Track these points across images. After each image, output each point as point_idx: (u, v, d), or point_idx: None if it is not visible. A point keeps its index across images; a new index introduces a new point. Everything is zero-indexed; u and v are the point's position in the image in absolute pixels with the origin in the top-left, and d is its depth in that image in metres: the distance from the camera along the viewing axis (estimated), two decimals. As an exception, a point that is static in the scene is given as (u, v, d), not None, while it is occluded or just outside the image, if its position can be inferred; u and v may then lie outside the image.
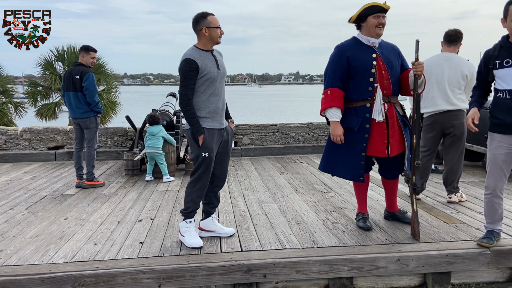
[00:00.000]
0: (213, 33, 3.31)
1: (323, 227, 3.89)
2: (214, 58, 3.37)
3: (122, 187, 5.58)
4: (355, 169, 3.61)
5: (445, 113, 4.48)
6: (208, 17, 3.31)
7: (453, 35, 4.56)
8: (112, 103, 14.59)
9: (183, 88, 3.26)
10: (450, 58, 4.52)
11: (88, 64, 5.51)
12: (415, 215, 3.53)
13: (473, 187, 5.34)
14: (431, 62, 4.56)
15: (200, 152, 3.33)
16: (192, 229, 3.50)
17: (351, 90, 3.55)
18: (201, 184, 3.42)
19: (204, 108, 3.34)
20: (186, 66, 3.22)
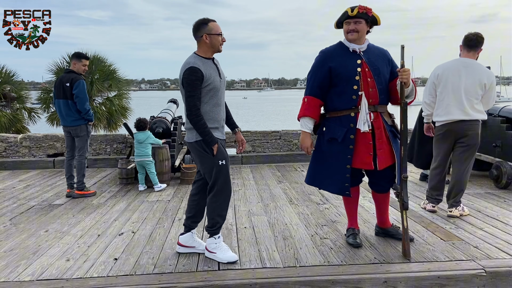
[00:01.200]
0: (214, 41, 3.17)
1: (310, 243, 3.68)
2: (216, 67, 3.25)
3: (113, 196, 5.47)
4: (341, 183, 3.39)
5: (459, 123, 4.21)
6: (209, 24, 3.16)
7: (473, 39, 4.26)
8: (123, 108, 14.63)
9: (190, 99, 3.08)
10: (469, 64, 4.23)
11: (79, 71, 5.42)
12: (405, 232, 3.29)
13: (478, 199, 5.03)
14: (448, 67, 4.30)
15: (217, 161, 3.18)
16: (223, 244, 3.35)
17: (335, 98, 3.36)
18: (225, 196, 3.28)
19: (209, 119, 3.18)
20: (191, 75, 3.07)
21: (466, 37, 4.30)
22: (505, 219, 4.21)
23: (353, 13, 3.24)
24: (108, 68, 13.45)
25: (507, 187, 5.47)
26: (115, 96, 14.07)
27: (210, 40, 3.15)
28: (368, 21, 3.32)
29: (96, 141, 7.96)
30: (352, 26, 3.27)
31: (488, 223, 4.12)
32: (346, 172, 3.36)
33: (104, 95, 13.89)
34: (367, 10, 3.26)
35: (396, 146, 3.33)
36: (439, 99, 4.33)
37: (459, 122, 4.22)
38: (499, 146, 5.84)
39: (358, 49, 3.33)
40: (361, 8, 3.25)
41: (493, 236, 3.73)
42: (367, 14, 3.27)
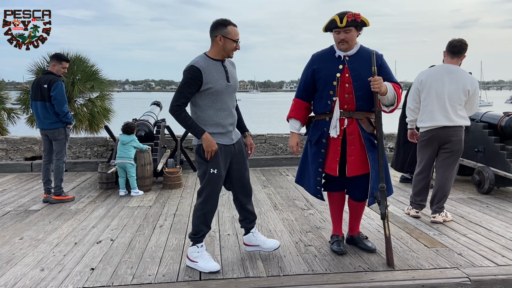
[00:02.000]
0: (227, 45, 3.05)
1: (295, 250, 3.61)
2: (225, 70, 3.11)
3: (92, 202, 5.31)
4: (314, 185, 3.45)
5: (443, 129, 4.22)
6: (228, 27, 3.05)
7: (457, 46, 4.24)
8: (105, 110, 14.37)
9: (177, 94, 3.00)
10: (452, 70, 4.23)
11: (59, 73, 5.27)
12: (388, 241, 3.25)
13: (460, 204, 5.05)
14: (432, 73, 4.30)
15: (208, 168, 3.06)
16: (205, 253, 3.24)
17: (316, 102, 3.44)
18: (210, 206, 3.17)
19: (212, 124, 3.07)
20: (188, 73, 2.98)
21: (450, 43, 4.29)
22: (488, 225, 4.22)
23: (343, 24, 3.18)
24: (90, 69, 13.17)
25: (489, 192, 5.51)
26: (97, 97, 13.82)
27: (223, 43, 3.05)
28: (358, 27, 3.28)
29: (76, 143, 7.77)
30: (342, 36, 3.22)
31: (471, 229, 4.12)
32: (318, 175, 3.40)
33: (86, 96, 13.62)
34: (355, 17, 3.22)
35: (373, 155, 3.29)
36: (423, 105, 4.32)
37: (443, 128, 4.22)
38: (481, 152, 5.89)
39: (343, 55, 3.29)
40: (349, 16, 3.19)
41: (477, 243, 3.72)
42: (356, 20, 3.23)
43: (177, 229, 4.20)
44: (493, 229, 4.12)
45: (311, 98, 3.46)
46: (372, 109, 3.36)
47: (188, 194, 5.74)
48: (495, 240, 3.79)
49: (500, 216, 4.56)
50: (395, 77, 3.49)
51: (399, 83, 3.39)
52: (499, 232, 4.02)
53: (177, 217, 4.62)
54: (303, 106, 3.48)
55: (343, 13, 3.21)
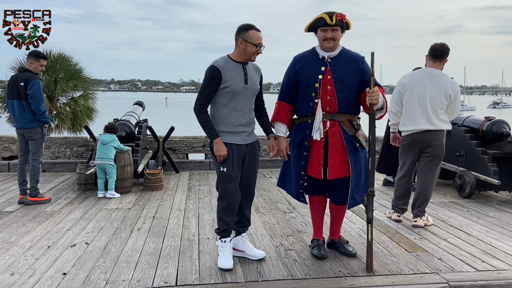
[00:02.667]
0: (248, 48, 3.14)
1: (275, 255, 3.55)
2: (244, 72, 3.19)
3: (69, 203, 5.16)
4: (296, 188, 3.40)
5: (425, 133, 4.22)
6: (249, 31, 3.14)
7: (439, 50, 4.26)
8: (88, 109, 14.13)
9: (199, 94, 3.17)
10: (434, 74, 4.24)
11: (36, 71, 5.11)
12: (369, 245, 3.21)
13: (442, 208, 5.06)
14: (414, 76, 4.30)
15: (219, 166, 3.20)
16: (227, 249, 3.29)
17: (298, 105, 3.39)
18: (227, 203, 3.23)
19: (225, 122, 3.19)
20: (208, 72, 3.12)
21: (432, 47, 4.30)
22: (468, 230, 4.23)
23: (333, 22, 3.15)
24: (74, 67, 12.94)
25: (470, 196, 5.55)
26: (80, 96, 13.57)
27: (244, 47, 3.14)
28: (344, 28, 3.25)
29: (55, 143, 7.58)
30: (329, 34, 3.19)
31: (452, 233, 4.12)
32: (300, 178, 3.37)
33: (69, 95, 13.37)
34: (342, 17, 3.20)
35: (355, 158, 3.25)
36: (405, 108, 4.32)
37: (424, 132, 4.22)
38: (463, 156, 5.92)
39: (326, 56, 3.25)
40: (337, 15, 3.17)
41: (457, 248, 3.71)
42: (342, 21, 3.21)
43: (156, 232, 4.10)
44: (473, 233, 4.12)
45: (294, 99, 3.41)
46: (354, 111, 3.33)
47: (169, 196, 5.63)
48: (475, 245, 3.79)
49: (480, 220, 4.57)
50: (381, 81, 3.48)
51: (382, 87, 3.36)
52: (479, 236, 4.03)
53: (156, 220, 4.52)
54: (287, 108, 3.43)
55: (331, 12, 3.18)
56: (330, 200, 3.55)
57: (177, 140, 7.99)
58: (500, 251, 3.64)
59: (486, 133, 5.80)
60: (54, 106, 12.84)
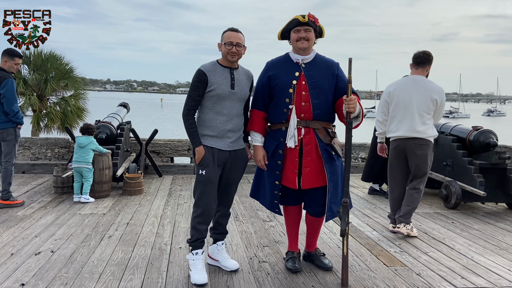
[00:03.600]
0: (223, 49, 3.11)
1: (247, 267, 3.40)
2: (232, 76, 3.12)
3: (42, 208, 4.99)
4: (271, 199, 3.26)
5: (409, 140, 4.17)
6: (226, 33, 3.12)
7: (420, 56, 4.27)
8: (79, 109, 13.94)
9: (187, 98, 3.12)
10: (418, 81, 4.21)
11: (11, 70, 4.95)
12: (345, 259, 3.07)
13: (426, 219, 4.94)
14: (399, 85, 4.29)
15: (198, 169, 3.11)
16: (199, 262, 3.14)
17: (271, 111, 3.25)
18: (202, 209, 3.10)
19: (209, 126, 3.13)
20: (195, 76, 3.10)
21: (414, 55, 4.33)
22: (451, 243, 4.10)
23: (305, 19, 3.05)
24: (65, 67, 12.78)
25: (456, 207, 5.43)
26: (71, 96, 13.39)
27: (222, 49, 3.12)
28: (316, 31, 3.14)
29: (36, 144, 7.40)
30: (302, 34, 3.08)
31: (434, 246, 3.99)
32: (275, 188, 3.23)
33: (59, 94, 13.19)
34: (315, 19, 3.09)
35: (331, 167, 3.11)
36: (391, 115, 4.28)
37: (409, 139, 4.17)
38: (449, 165, 5.81)
39: (300, 60, 3.13)
40: (310, 16, 3.07)
41: (438, 262, 3.58)
42: (315, 23, 3.09)
43: (127, 241, 3.94)
44: (455, 247, 4.00)
45: (267, 107, 3.26)
46: (329, 119, 3.20)
47: (147, 201, 5.47)
48: (456, 260, 3.66)
49: (464, 233, 4.45)
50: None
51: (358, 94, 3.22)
52: (461, 250, 3.90)
53: (130, 227, 4.35)
54: (261, 116, 3.28)
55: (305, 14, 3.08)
56: (306, 212, 3.41)
57: (162, 143, 7.83)
58: (482, 266, 3.52)
59: (473, 143, 5.70)
60: (44, 106, 12.66)
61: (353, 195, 6.15)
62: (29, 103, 11.80)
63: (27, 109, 12.11)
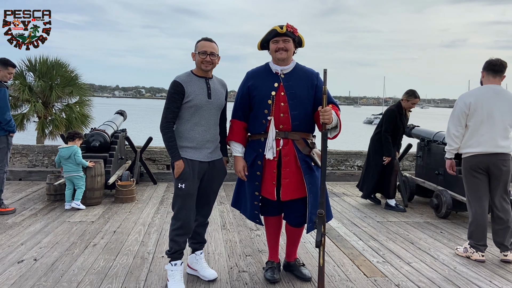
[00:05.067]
0: (197, 58, 3.12)
1: (226, 276, 3.41)
2: (207, 86, 3.13)
3: (33, 215, 5.05)
4: (251, 209, 3.26)
5: (492, 156, 3.84)
6: (198, 42, 3.16)
7: (498, 64, 3.90)
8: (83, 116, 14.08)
9: (164, 111, 3.09)
10: (499, 91, 3.87)
11: (4, 79, 5.03)
12: (321, 270, 3.05)
13: (414, 229, 4.91)
14: (480, 95, 3.88)
15: (177, 183, 3.09)
16: (177, 273, 3.15)
17: (251, 122, 3.26)
18: (181, 222, 3.11)
19: (188, 137, 3.11)
20: (171, 88, 3.09)
21: (489, 62, 3.94)
22: (435, 253, 4.08)
23: (283, 30, 3.07)
24: (70, 74, 12.94)
25: (447, 216, 5.39)
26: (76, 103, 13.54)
27: (196, 58, 3.14)
28: (295, 41, 3.16)
29: (33, 151, 7.49)
30: (281, 44, 3.09)
31: (418, 257, 3.97)
32: (255, 199, 3.23)
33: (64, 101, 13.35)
34: (293, 29, 3.11)
35: (310, 178, 3.12)
36: (472, 129, 3.90)
37: (493, 154, 3.84)
38: (441, 174, 5.78)
39: (280, 71, 3.15)
40: (288, 26, 3.09)
41: (419, 273, 3.56)
42: (294, 33, 3.11)
43: (110, 249, 3.97)
44: (440, 257, 3.97)
45: (247, 117, 3.29)
46: (308, 129, 3.21)
47: (138, 209, 5.51)
48: (438, 270, 3.63)
49: (451, 243, 4.42)
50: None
51: (337, 105, 3.23)
52: (445, 261, 3.87)
53: (116, 235, 4.39)
54: (241, 127, 3.29)
55: (283, 24, 3.10)
56: (286, 222, 3.42)
57: (157, 151, 7.88)
58: (463, 277, 3.49)
59: (465, 152, 5.64)
60: (49, 112, 12.82)
61: (345, 203, 6.14)
62: (34, 110, 11.97)
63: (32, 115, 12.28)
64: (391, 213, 5.63)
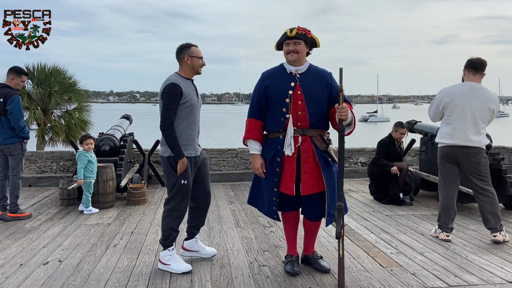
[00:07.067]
0: (195, 62, 3.43)
1: (247, 271, 3.52)
2: (195, 87, 3.50)
3: (49, 219, 5.14)
4: (269, 205, 3.38)
5: (463, 148, 4.16)
6: (191, 47, 3.45)
7: (478, 62, 4.18)
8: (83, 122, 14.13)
9: (166, 111, 3.30)
10: (476, 89, 4.15)
11: (17, 87, 5.13)
12: (340, 261, 3.18)
13: (423, 221, 5.05)
14: (457, 90, 4.19)
15: (179, 179, 3.37)
16: (176, 255, 3.55)
17: (268, 120, 3.38)
18: (179, 213, 3.47)
19: (184, 136, 3.39)
20: (171, 90, 3.30)
21: (471, 61, 4.22)
22: (446, 243, 4.21)
23: (292, 33, 3.21)
24: (68, 81, 12.99)
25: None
26: (74, 109, 13.59)
27: (191, 62, 3.42)
28: (308, 42, 3.28)
29: (42, 158, 7.57)
30: (291, 47, 3.23)
31: (430, 247, 4.10)
32: (273, 195, 3.33)
33: (63, 108, 13.39)
34: (306, 31, 3.24)
35: (328, 173, 3.24)
36: (446, 120, 4.27)
37: (464, 147, 4.15)
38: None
39: (294, 71, 3.27)
40: (299, 29, 3.22)
41: (432, 262, 3.69)
42: (306, 35, 3.24)
43: (131, 249, 4.07)
44: (451, 247, 4.10)
45: (263, 116, 3.39)
46: (324, 127, 3.34)
47: (151, 211, 5.61)
48: (451, 259, 3.76)
49: (460, 233, 4.55)
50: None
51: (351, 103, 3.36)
52: (456, 250, 4.01)
53: (134, 236, 4.49)
54: (258, 125, 3.40)
55: (294, 27, 3.23)
56: (304, 217, 3.54)
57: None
58: (475, 265, 3.62)
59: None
60: (48, 119, 12.87)
61: (352, 199, 6.27)
62: (33, 117, 12.00)
63: (32, 123, 12.31)
64: (399, 207, 5.76)
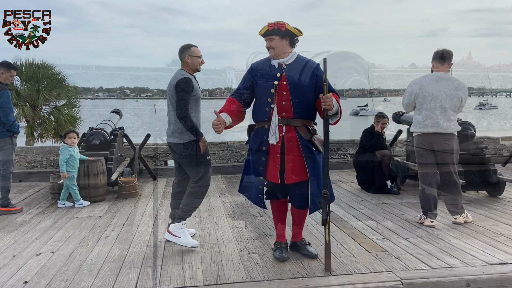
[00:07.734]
0: (194, 61, 3.87)
1: (237, 258, 3.61)
2: (196, 81, 3.88)
3: (40, 213, 5.17)
4: (256, 193, 3.49)
5: (436, 135, 4.37)
6: (191, 48, 3.88)
7: (444, 53, 4.41)
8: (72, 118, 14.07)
9: (183, 101, 3.67)
10: (444, 78, 4.37)
11: (6, 82, 5.13)
12: (327, 247, 3.29)
13: (409, 209, 5.18)
14: (426, 81, 4.40)
15: (205, 156, 3.82)
16: (186, 230, 3.83)
17: (254, 110, 3.50)
18: (205, 188, 3.90)
19: None
20: (187, 83, 3.71)
21: (437, 53, 4.44)
22: (430, 229, 4.34)
23: (261, 32, 3.37)
24: (56, 76, 12.91)
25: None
26: (63, 105, 13.52)
27: (191, 61, 3.85)
28: (283, 35, 3.34)
29: (31, 153, 7.57)
30: (267, 44, 3.38)
31: (414, 232, 4.23)
32: (259, 183, 3.45)
33: (52, 104, 13.31)
34: (278, 25, 3.30)
35: (311, 162, 3.34)
36: (418, 109, 4.47)
37: (434, 134, 4.37)
38: (431, 157, 6.05)
39: (278, 64, 3.37)
40: (270, 25, 3.32)
41: (416, 246, 3.81)
42: (280, 29, 3.30)
43: (123, 240, 4.13)
44: (434, 232, 4.23)
45: (244, 99, 3.52)
46: (309, 117, 3.43)
47: (142, 203, 5.67)
48: (434, 244, 3.89)
49: (444, 219, 4.69)
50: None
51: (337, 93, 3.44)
52: (439, 235, 4.14)
53: (126, 227, 4.55)
54: (233, 101, 3.51)
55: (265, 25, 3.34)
56: (291, 205, 3.63)
57: (155, 147, 8.02)
58: (458, 249, 3.75)
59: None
60: (37, 115, 12.79)
61: (341, 189, 6.38)
62: (22, 114, 11.91)
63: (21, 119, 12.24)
64: (386, 196, 5.89)
